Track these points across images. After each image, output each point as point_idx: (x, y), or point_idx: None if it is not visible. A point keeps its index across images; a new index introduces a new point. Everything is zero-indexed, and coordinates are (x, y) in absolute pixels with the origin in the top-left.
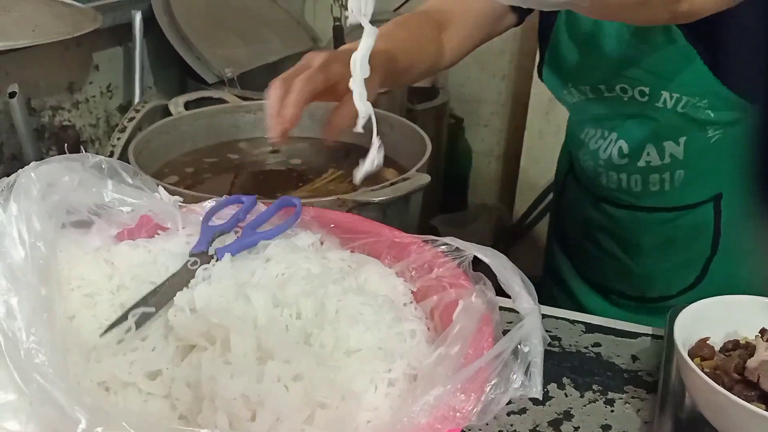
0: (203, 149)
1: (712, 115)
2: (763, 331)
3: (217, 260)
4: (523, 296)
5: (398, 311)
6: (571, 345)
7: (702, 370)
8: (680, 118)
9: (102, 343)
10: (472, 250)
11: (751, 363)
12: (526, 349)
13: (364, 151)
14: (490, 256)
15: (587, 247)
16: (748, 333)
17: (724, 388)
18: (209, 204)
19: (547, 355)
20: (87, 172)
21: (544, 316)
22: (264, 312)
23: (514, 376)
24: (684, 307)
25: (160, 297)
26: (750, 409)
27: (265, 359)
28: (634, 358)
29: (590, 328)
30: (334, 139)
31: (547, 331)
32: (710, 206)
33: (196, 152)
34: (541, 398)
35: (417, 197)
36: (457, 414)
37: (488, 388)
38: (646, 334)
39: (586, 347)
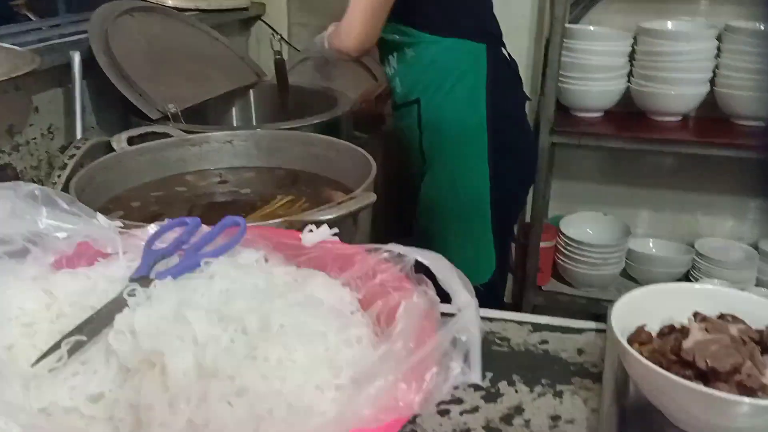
0: (149, 184)
1: (397, 38)
2: (695, 314)
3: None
4: (461, 292)
5: (345, 319)
6: (519, 344)
7: (641, 354)
8: (384, 42)
9: (41, 371)
10: (414, 254)
11: (687, 344)
12: (464, 338)
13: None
14: (429, 258)
15: None
16: (683, 318)
17: (663, 369)
18: (152, 228)
19: (497, 354)
20: (20, 200)
21: (492, 319)
22: (203, 330)
23: (454, 364)
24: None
25: (98, 322)
26: (688, 386)
27: (208, 377)
28: (580, 351)
29: (537, 327)
30: None
31: (495, 332)
32: (414, 107)
33: (142, 187)
34: (482, 384)
35: (365, 217)
36: (400, 404)
37: (429, 377)
38: (591, 329)
39: (533, 345)
